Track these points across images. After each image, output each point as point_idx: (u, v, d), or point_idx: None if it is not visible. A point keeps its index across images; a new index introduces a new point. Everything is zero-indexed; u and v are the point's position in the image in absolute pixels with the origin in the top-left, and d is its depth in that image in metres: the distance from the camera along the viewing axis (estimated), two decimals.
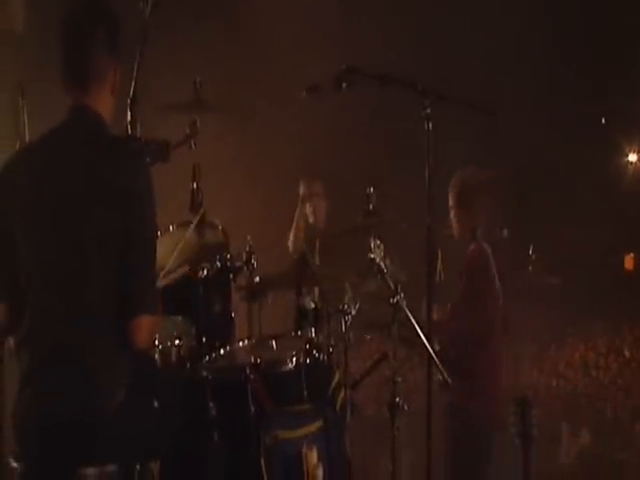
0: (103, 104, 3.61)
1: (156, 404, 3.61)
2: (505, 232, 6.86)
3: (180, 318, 4.22)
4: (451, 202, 5.58)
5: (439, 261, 7.41)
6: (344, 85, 4.35)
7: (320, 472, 3.97)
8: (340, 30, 7.12)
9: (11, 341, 3.84)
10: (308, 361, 4.07)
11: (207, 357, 4.19)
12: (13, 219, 3.52)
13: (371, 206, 4.51)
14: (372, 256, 4.42)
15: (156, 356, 4.14)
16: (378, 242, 4.45)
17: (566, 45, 7.71)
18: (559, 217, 8.10)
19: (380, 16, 7.24)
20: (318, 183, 6.54)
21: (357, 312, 4.53)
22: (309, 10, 7.11)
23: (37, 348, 3.51)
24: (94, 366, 3.45)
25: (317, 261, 5.44)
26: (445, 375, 4.36)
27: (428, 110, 4.31)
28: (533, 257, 6.99)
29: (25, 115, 4.55)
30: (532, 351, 7.85)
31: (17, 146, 4.53)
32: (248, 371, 3.98)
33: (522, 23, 7.41)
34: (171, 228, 4.76)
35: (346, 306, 4.52)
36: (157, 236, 3.66)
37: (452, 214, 5.60)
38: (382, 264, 4.40)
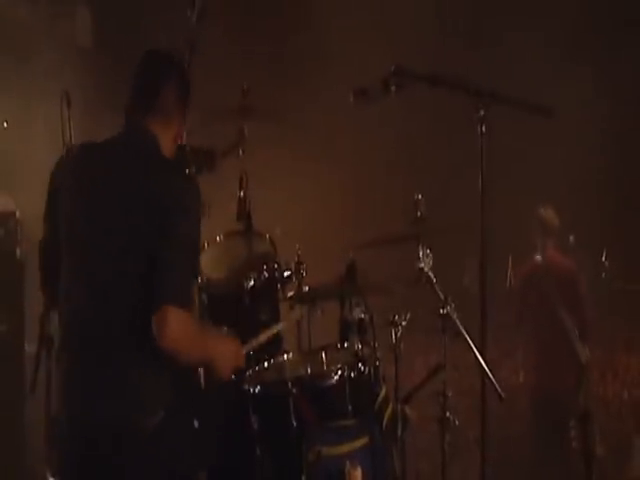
0: (163, 141, 3.58)
1: (197, 424, 3.52)
2: (572, 238, 6.71)
3: (225, 329, 4.10)
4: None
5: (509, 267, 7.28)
6: (393, 88, 4.16)
7: None
8: (391, 33, 6.98)
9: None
10: (353, 375, 3.94)
11: (250, 370, 4.09)
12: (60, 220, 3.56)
13: (419, 213, 4.33)
14: (421, 265, 4.26)
15: (200, 369, 4.06)
16: (427, 251, 4.28)
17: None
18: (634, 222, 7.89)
19: (431, 17, 7.10)
20: None
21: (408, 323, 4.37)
22: (359, 14, 6.99)
23: (71, 358, 3.47)
24: (133, 379, 3.38)
25: None
26: (498, 388, 4.18)
27: (482, 112, 4.11)
28: (606, 263, 6.82)
29: (71, 124, 4.50)
30: (603, 359, 7.63)
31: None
32: (290, 385, 3.89)
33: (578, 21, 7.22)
34: (218, 238, 4.71)
35: (396, 317, 4.36)
36: (197, 243, 3.55)
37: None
38: (431, 274, 4.24)
